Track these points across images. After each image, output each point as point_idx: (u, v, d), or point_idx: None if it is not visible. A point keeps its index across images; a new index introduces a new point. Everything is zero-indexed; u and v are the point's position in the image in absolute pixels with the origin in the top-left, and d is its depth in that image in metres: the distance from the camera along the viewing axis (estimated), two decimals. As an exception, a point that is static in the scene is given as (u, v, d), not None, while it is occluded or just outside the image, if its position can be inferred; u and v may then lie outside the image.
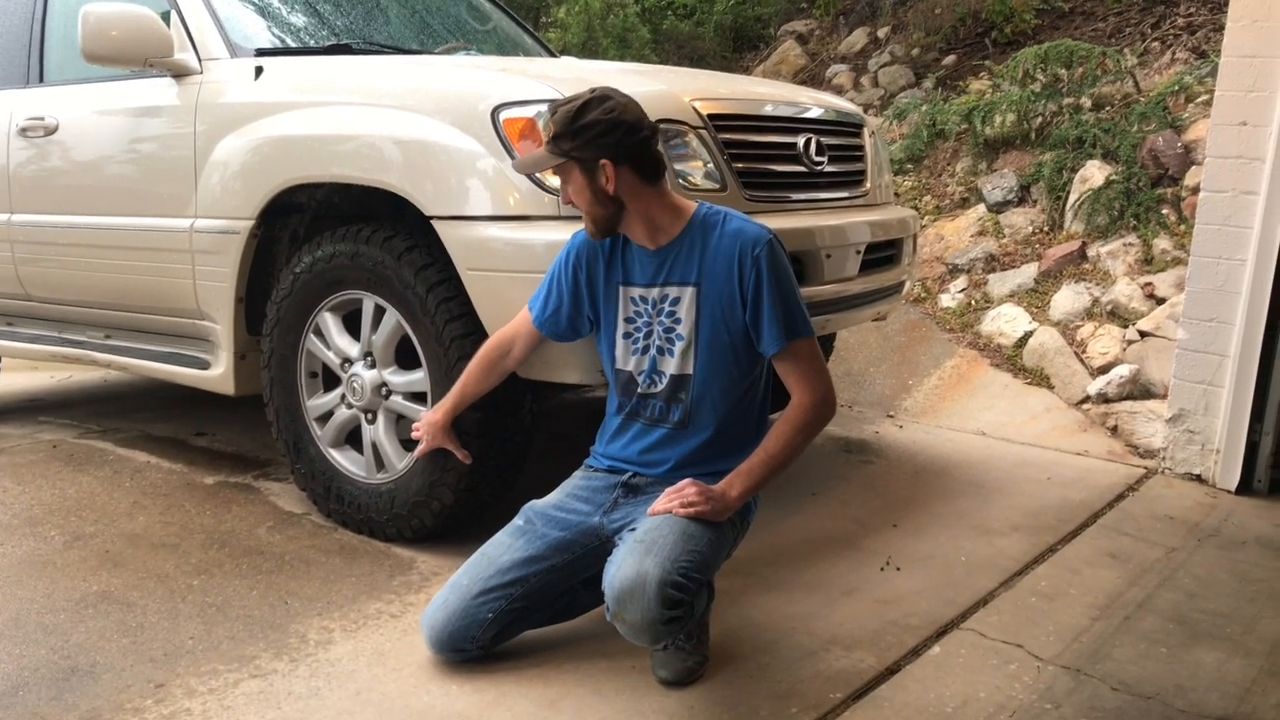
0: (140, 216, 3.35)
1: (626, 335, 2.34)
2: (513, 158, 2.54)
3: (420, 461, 2.77)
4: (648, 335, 2.31)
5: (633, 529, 2.18)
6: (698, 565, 2.07)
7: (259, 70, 3.10)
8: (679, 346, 2.28)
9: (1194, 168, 4.73)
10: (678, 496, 2.17)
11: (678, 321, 2.27)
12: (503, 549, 2.29)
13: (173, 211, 3.24)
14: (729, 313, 2.25)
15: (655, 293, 2.29)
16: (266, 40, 3.44)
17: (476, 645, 2.24)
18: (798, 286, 2.30)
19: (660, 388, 2.32)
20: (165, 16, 3.28)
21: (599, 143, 2.15)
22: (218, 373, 3.26)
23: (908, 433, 4.25)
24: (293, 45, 3.52)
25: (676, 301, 2.27)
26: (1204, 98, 4.97)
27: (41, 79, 3.81)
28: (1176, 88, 5.22)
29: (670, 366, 2.30)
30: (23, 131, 3.67)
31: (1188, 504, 3.44)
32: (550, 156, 2.20)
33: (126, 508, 3.23)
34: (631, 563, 2.03)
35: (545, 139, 2.24)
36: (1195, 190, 4.20)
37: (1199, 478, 3.65)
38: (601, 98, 2.18)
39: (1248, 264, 3.44)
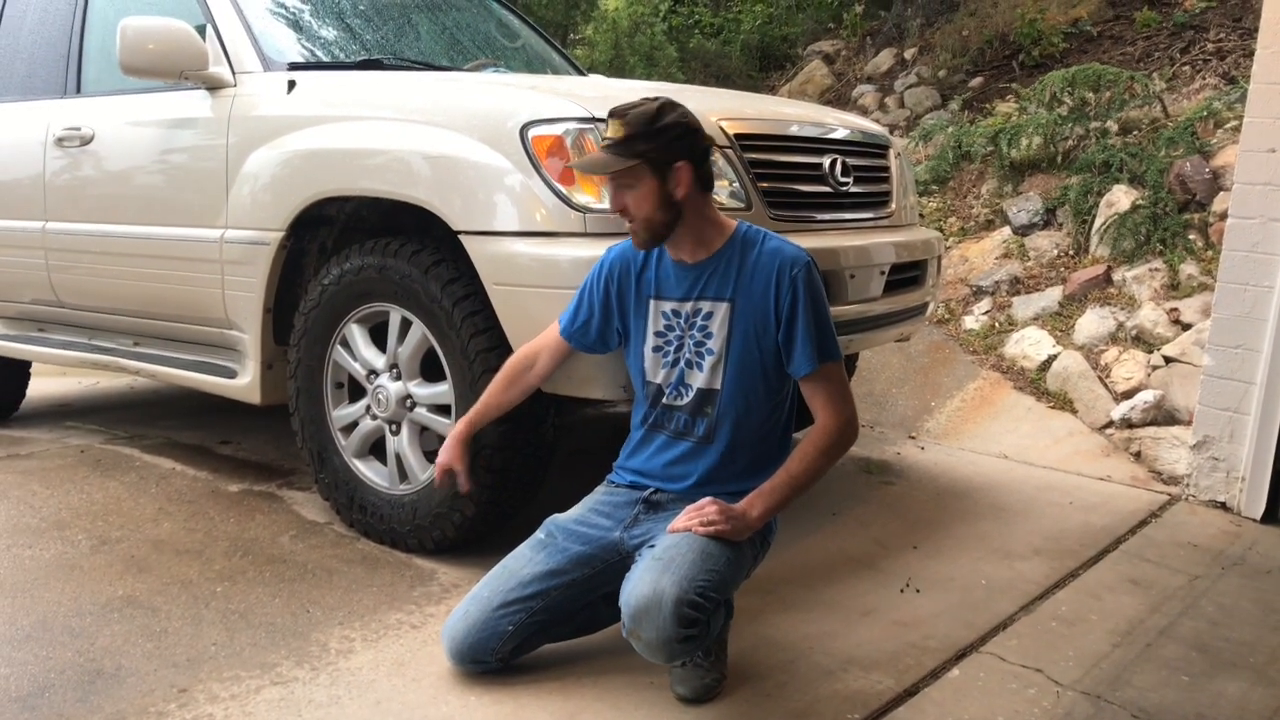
0: (172, 226, 3.40)
1: (657, 349, 2.35)
2: (540, 175, 2.56)
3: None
4: (678, 349, 2.32)
5: (652, 546, 2.18)
6: (715, 585, 2.07)
7: (291, 84, 3.14)
8: (709, 361, 2.28)
9: (1222, 193, 4.71)
10: (698, 515, 2.17)
11: (709, 336, 2.28)
12: (524, 562, 2.31)
13: (204, 222, 3.28)
14: (761, 331, 2.26)
15: (689, 307, 2.30)
16: (299, 55, 3.48)
17: (496, 657, 2.25)
18: (829, 312, 2.30)
19: (686, 400, 2.33)
20: (201, 30, 3.33)
21: (678, 145, 2.17)
22: (244, 382, 3.29)
23: (929, 454, 4.24)
24: (325, 60, 3.56)
25: (710, 316, 2.28)
26: (1233, 123, 4.95)
27: (79, 90, 3.88)
28: (1205, 113, 5.20)
29: (698, 380, 2.31)
30: (59, 141, 3.73)
31: (1211, 531, 3.41)
32: (619, 159, 2.17)
33: (152, 513, 3.26)
34: (648, 580, 2.04)
35: (604, 144, 2.20)
36: (1223, 216, 4.18)
37: (1223, 505, 3.63)
38: (673, 103, 2.21)
39: (1275, 291, 3.43)
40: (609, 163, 2.20)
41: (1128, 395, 4.19)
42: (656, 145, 2.16)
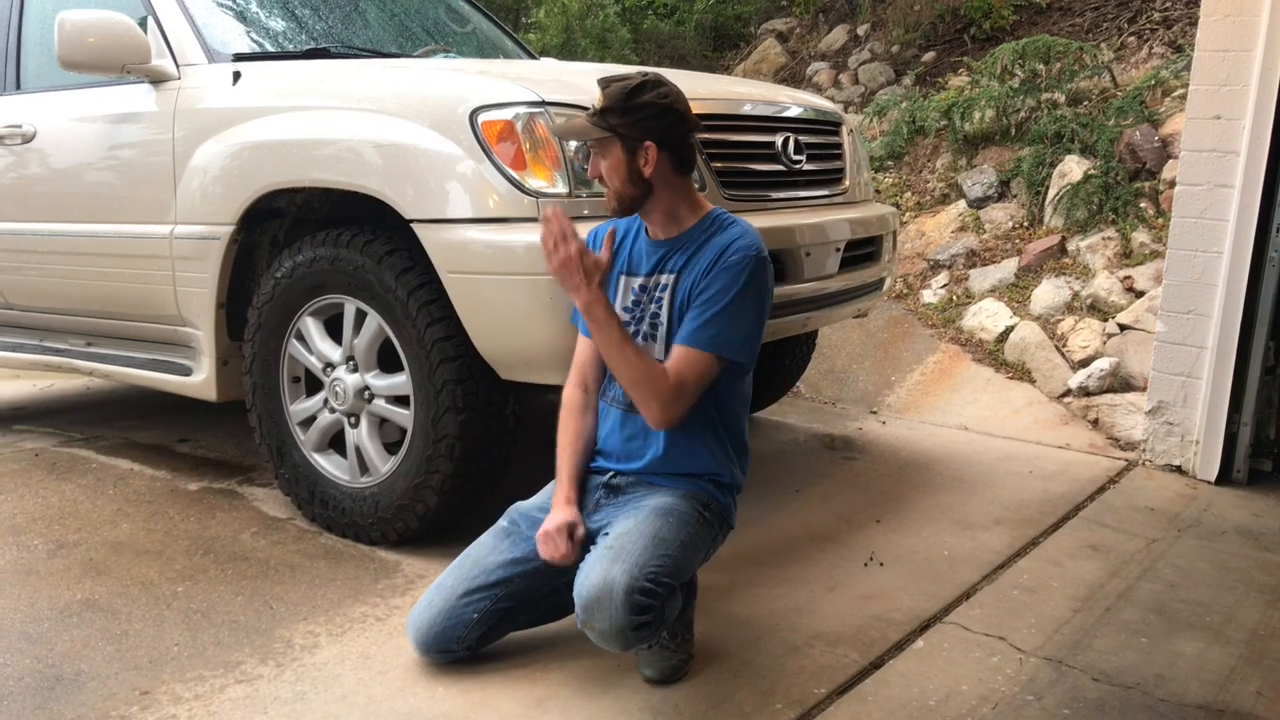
0: (120, 223, 3.34)
1: (625, 324, 2.34)
2: (492, 161, 2.54)
3: (404, 464, 2.78)
4: (639, 321, 2.31)
5: (607, 533, 2.18)
6: (667, 570, 2.07)
7: (237, 75, 3.10)
8: (660, 333, 2.28)
9: (1171, 161, 4.77)
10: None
11: (661, 307, 2.27)
12: (487, 550, 2.30)
13: (152, 218, 3.23)
14: (689, 298, 2.22)
15: (651, 280, 2.30)
16: (244, 45, 3.43)
17: (463, 646, 2.25)
18: (757, 317, 2.21)
19: None
20: (142, 23, 3.27)
21: (648, 125, 2.16)
22: (200, 379, 3.25)
23: (891, 428, 4.27)
24: (271, 50, 3.51)
25: (664, 289, 2.27)
26: (1180, 92, 5.01)
27: (19, 86, 3.80)
28: (1153, 82, 5.26)
29: (655, 353, 2.28)
30: (0, 140, 3.66)
31: (1168, 495, 3.47)
32: (594, 128, 2.19)
33: (110, 515, 3.22)
34: (599, 570, 2.03)
35: (588, 112, 2.22)
36: (1172, 183, 4.24)
37: (1179, 469, 3.68)
38: (657, 81, 2.20)
39: (1224, 256, 3.48)
40: (581, 130, 2.25)
41: (1084, 364, 4.24)
42: (626, 122, 2.16)
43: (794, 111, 3.24)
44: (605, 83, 2.20)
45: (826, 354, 4.86)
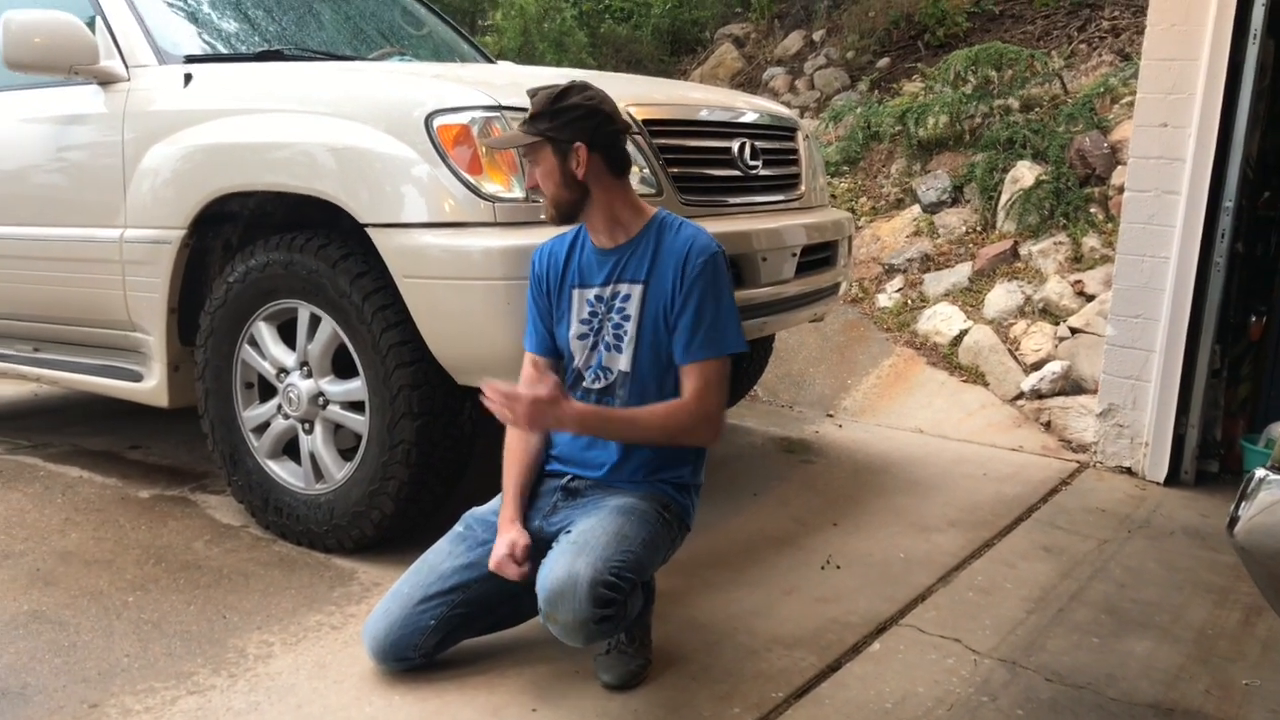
0: (68, 227, 3.28)
1: (581, 336, 2.34)
2: (448, 165, 2.53)
3: (359, 471, 2.75)
4: (598, 332, 2.31)
5: (568, 531, 2.18)
6: (630, 565, 2.08)
7: (188, 77, 3.05)
8: (625, 343, 2.28)
9: (1120, 167, 4.84)
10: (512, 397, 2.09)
11: (626, 318, 2.28)
12: (444, 556, 2.29)
13: (102, 221, 3.18)
14: (667, 313, 2.25)
15: (609, 290, 2.30)
16: (196, 47, 3.38)
17: (419, 653, 2.23)
18: (733, 307, 2.27)
19: (604, 383, 2.32)
20: (91, 23, 3.22)
21: (576, 125, 2.18)
22: (151, 385, 3.20)
23: (847, 431, 4.30)
24: (223, 52, 3.46)
25: (627, 299, 2.28)
26: (1128, 99, 5.10)
27: (-37, 87, 3.72)
28: (1102, 89, 5.35)
29: (617, 363, 2.30)
30: (-56, 141, 3.58)
31: (1118, 496, 3.53)
32: (524, 135, 2.22)
33: (58, 524, 3.16)
34: (563, 563, 2.05)
35: (520, 122, 2.26)
36: (1121, 189, 4.31)
37: (1129, 470, 3.75)
38: (583, 85, 2.24)
39: (1171, 261, 3.54)
40: (512, 139, 2.31)
41: (1036, 367, 4.30)
42: (555, 124, 2.18)
43: (750, 117, 3.26)
44: (533, 91, 2.25)
45: (783, 358, 4.88)
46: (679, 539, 2.36)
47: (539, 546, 2.27)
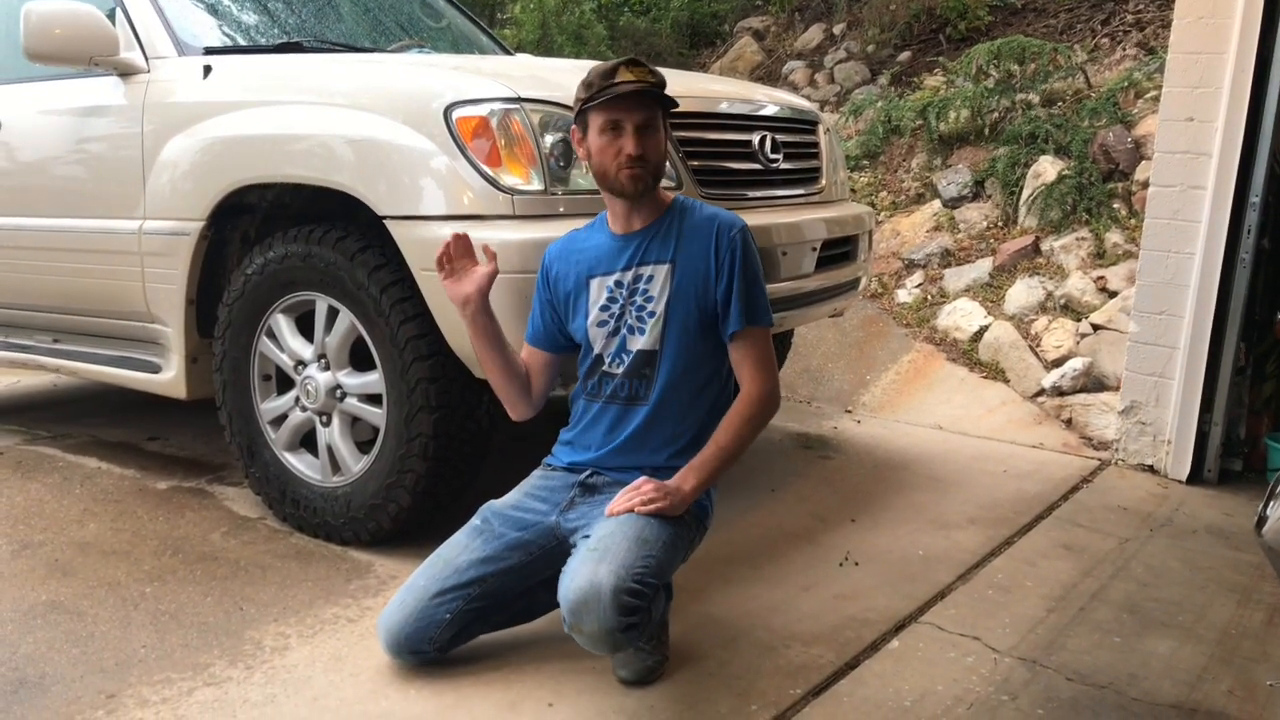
0: (87, 218, 3.29)
1: (601, 323, 2.33)
2: (466, 157, 2.52)
3: (376, 463, 2.75)
4: (620, 317, 2.31)
5: (587, 535, 2.16)
6: (653, 570, 2.06)
7: (208, 69, 3.05)
8: (650, 323, 2.29)
9: (1144, 162, 4.80)
10: (636, 494, 2.17)
11: (649, 299, 2.29)
12: (459, 550, 2.28)
13: (121, 213, 3.18)
14: (701, 290, 2.27)
15: (630, 275, 2.30)
16: (215, 39, 3.39)
17: (434, 647, 2.22)
18: (763, 278, 2.34)
19: (626, 365, 2.31)
20: (111, 15, 3.22)
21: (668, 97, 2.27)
22: (169, 376, 3.21)
23: (866, 427, 4.28)
24: (242, 44, 3.47)
25: (650, 280, 2.28)
26: (1153, 93, 5.04)
27: (-17, 78, 3.73)
28: (1126, 83, 5.29)
29: (639, 344, 2.30)
30: (-35, 132, 3.59)
31: (1140, 494, 3.49)
32: (659, 102, 2.25)
33: (76, 515, 3.17)
34: (585, 572, 2.01)
35: (641, 86, 2.19)
36: (1145, 185, 4.27)
37: (1151, 468, 3.71)
38: None
39: (1196, 257, 3.50)
40: (653, 102, 2.26)
41: (1058, 363, 4.26)
42: (667, 98, 2.26)
43: (771, 110, 3.23)
44: (633, 61, 2.24)
45: (802, 353, 4.86)
46: (698, 539, 2.35)
47: (555, 542, 2.27)
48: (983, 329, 4.59)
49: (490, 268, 2.35)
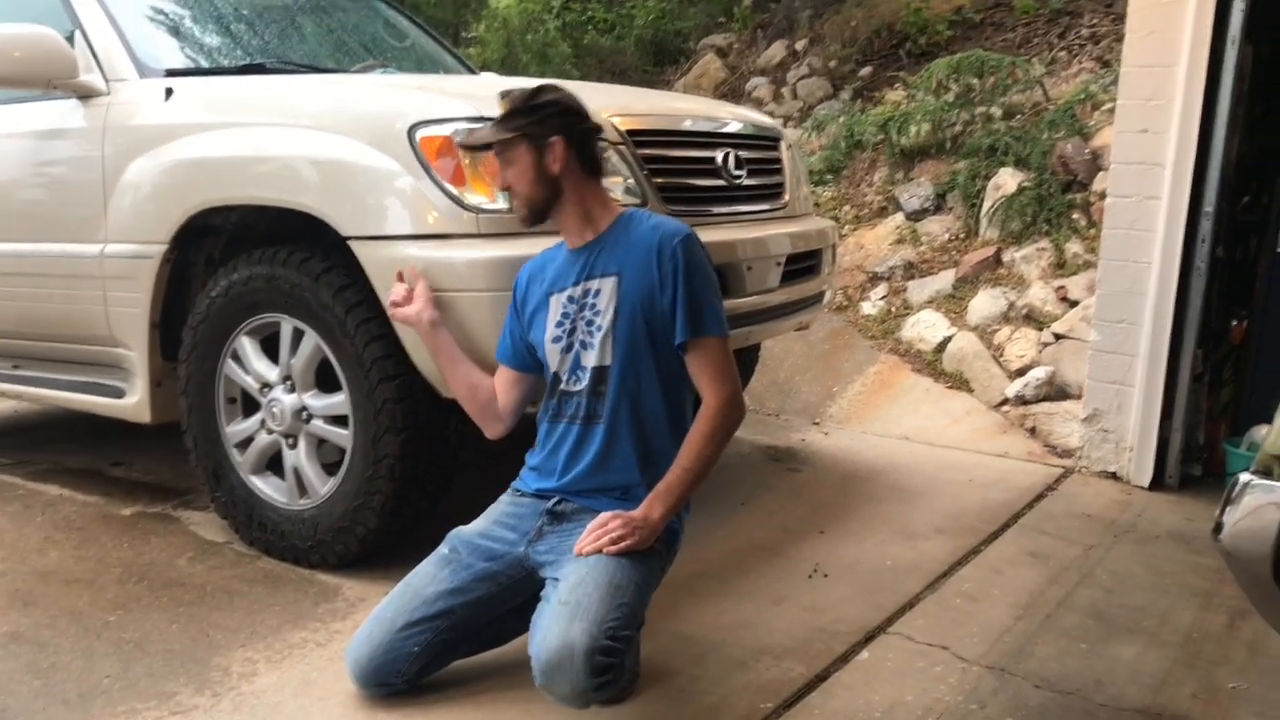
0: (48, 242, 3.26)
1: (555, 339, 2.31)
2: (431, 176, 2.52)
3: (343, 485, 2.74)
4: (571, 333, 2.29)
5: (556, 578, 2.12)
6: (625, 620, 2.01)
7: (169, 91, 3.03)
8: (598, 337, 2.25)
9: (1101, 173, 4.87)
10: (603, 533, 2.12)
11: (597, 313, 2.26)
12: (427, 580, 2.24)
13: (82, 237, 3.15)
14: (648, 301, 2.22)
15: (579, 289, 2.29)
16: (177, 60, 3.37)
17: (402, 679, 2.19)
18: (716, 286, 2.29)
19: (583, 383, 2.28)
20: (70, 37, 3.19)
21: (553, 121, 2.22)
22: (133, 401, 3.17)
23: (833, 439, 4.30)
24: (205, 65, 3.45)
25: (598, 294, 2.26)
26: (1109, 106, 5.12)
27: (-60, 102, 3.69)
28: (1083, 96, 5.38)
29: (591, 359, 2.26)
30: (-79, 157, 3.54)
31: (1104, 501, 3.53)
32: (501, 131, 2.25)
33: (38, 543, 3.12)
34: (557, 632, 1.95)
35: (494, 121, 2.29)
36: (1103, 195, 4.32)
37: (1114, 475, 3.75)
38: (555, 87, 2.31)
39: (1153, 266, 3.56)
40: (488, 135, 2.30)
41: (1021, 373, 4.31)
42: (531, 120, 2.22)
43: (734, 127, 3.26)
44: (505, 92, 2.29)
45: (769, 366, 4.88)
46: (668, 565, 2.32)
47: (525, 574, 2.25)
48: (946, 340, 4.63)
49: (420, 283, 2.45)
